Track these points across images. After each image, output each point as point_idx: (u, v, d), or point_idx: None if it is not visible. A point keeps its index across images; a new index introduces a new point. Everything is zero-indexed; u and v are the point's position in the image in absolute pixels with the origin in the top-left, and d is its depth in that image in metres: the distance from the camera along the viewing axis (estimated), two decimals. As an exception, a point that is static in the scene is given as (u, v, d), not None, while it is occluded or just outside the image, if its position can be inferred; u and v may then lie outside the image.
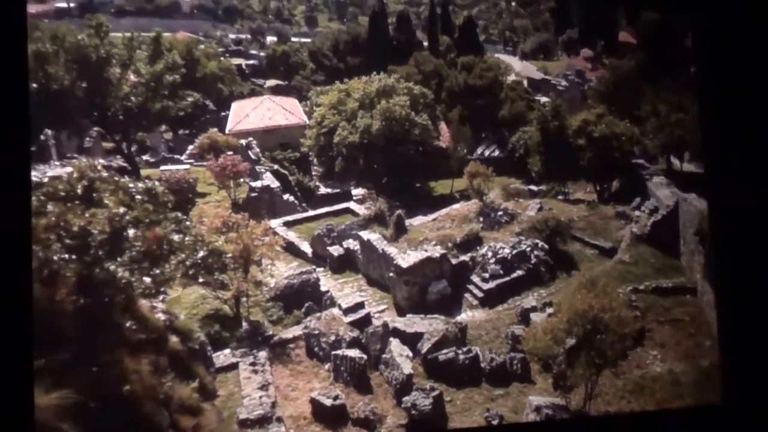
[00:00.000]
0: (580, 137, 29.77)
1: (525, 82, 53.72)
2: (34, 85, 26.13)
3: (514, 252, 22.48)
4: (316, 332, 17.14)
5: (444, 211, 27.57)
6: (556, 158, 29.74)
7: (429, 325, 17.96)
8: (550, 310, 18.48)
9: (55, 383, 7.34)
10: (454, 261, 22.11)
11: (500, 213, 25.92)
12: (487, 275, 21.80)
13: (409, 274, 20.64)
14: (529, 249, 22.56)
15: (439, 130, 38.33)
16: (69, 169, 14.30)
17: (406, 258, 21.04)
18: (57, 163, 24.07)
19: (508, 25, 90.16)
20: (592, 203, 27.47)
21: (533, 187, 31.70)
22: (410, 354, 16.66)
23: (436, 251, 21.82)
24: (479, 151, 40.51)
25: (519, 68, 62.88)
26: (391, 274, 20.93)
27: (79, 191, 12.34)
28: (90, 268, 10.04)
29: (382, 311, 20.16)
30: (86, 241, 10.51)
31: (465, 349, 17.08)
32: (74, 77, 27.87)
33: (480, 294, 21.21)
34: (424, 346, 17.06)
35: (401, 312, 19.94)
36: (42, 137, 27.06)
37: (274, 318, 18.50)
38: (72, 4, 61.12)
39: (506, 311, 20.03)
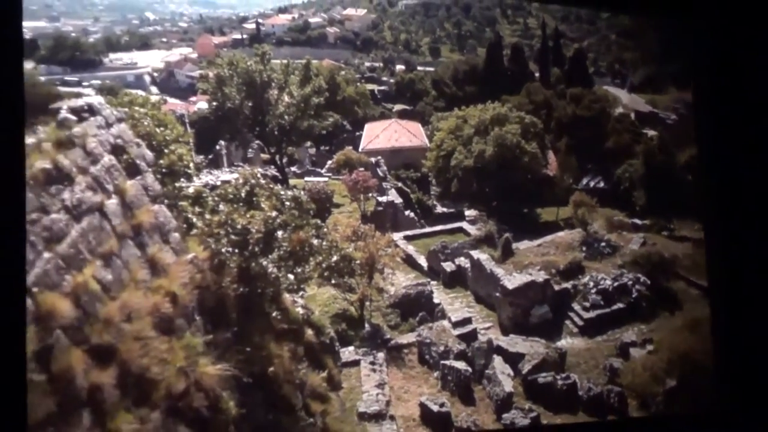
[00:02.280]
0: (689, 173, 27.54)
1: (632, 115, 50.73)
2: (214, 103, 28.27)
3: (616, 284, 21.28)
4: (428, 341, 17.08)
5: (549, 237, 26.62)
6: (662, 193, 27.73)
7: (530, 347, 17.37)
8: (650, 347, 17.27)
9: (218, 357, 7.80)
10: (556, 287, 21.28)
11: (603, 244, 24.60)
12: (587, 304, 20.79)
13: (514, 296, 20.11)
14: (630, 282, 21.27)
15: (547, 158, 37.22)
16: (236, 175, 15.22)
17: (511, 280, 20.52)
18: (227, 169, 25.70)
19: (617, 58, 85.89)
20: (698, 242, 25.40)
21: (637, 221, 29.84)
22: (511, 373, 16.18)
23: (540, 276, 21.10)
24: (585, 181, 38.80)
25: (627, 101, 59.35)
26: (497, 294, 20.48)
27: (242, 195, 13.14)
28: (248, 262, 10.54)
29: (488, 328, 19.75)
30: (246, 238, 11.06)
31: (563, 375, 16.33)
32: (243, 97, 29.85)
33: (580, 322, 20.25)
34: (525, 367, 16.51)
35: (505, 331, 19.45)
36: (217, 147, 29.20)
37: (392, 323, 18.64)
38: (244, 36, 65.45)
39: (605, 342, 18.96)
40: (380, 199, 28.71)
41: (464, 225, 29.13)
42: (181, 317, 7.97)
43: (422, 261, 24.31)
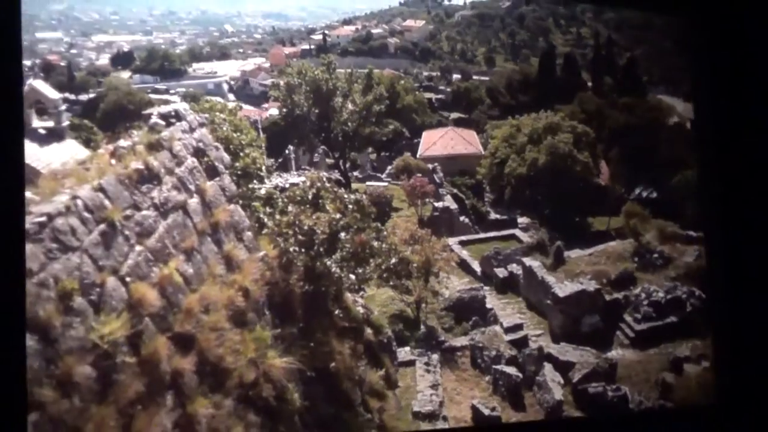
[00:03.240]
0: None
1: (688, 124, 48.20)
2: (284, 110, 28.96)
3: (669, 297, 20.32)
4: (480, 345, 16.87)
5: (600, 247, 25.73)
6: (718, 204, 26.26)
7: (580, 356, 16.87)
8: (705, 364, 16.41)
9: (285, 350, 7.96)
10: (607, 297, 20.56)
11: (655, 255, 23.49)
12: (639, 316, 19.97)
13: (565, 304, 19.58)
14: (684, 296, 20.25)
15: (599, 168, 36.03)
16: (303, 178, 15.51)
17: (563, 288, 19.99)
18: (295, 172, 26.26)
19: (672, 66, 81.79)
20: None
21: (692, 233, 28.40)
22: (561, 381, 15.75)
23: (591, 285, 20.44)
24: (637, 191, 37.28)
25: (681, 110, 56.36)
26: (548, 302, 20.00)
27: (309, 197, 13.37)
28: (313, 261, 10.71)
29: (539, 335, 19.32)
30: (312, 238, 11.23)
31: (614, 387, 15.76)
32: (310, 104, 30.43)
33: (631, 334, 19.48)
34: (575, 376, 16.04)
35: (555, 339, 18.97)
36: (286, 151, 29.95)
37: (446, 326, 18.52)
38: (312, 46, 66.69)
39: (657, 356, 18.14)
40: (436, 204, 28.60)
41: (517, 232, 28.62)
42: (252, 311, 8.18)
43: (476, 266, 24.04)
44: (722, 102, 4.81)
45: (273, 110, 38.33)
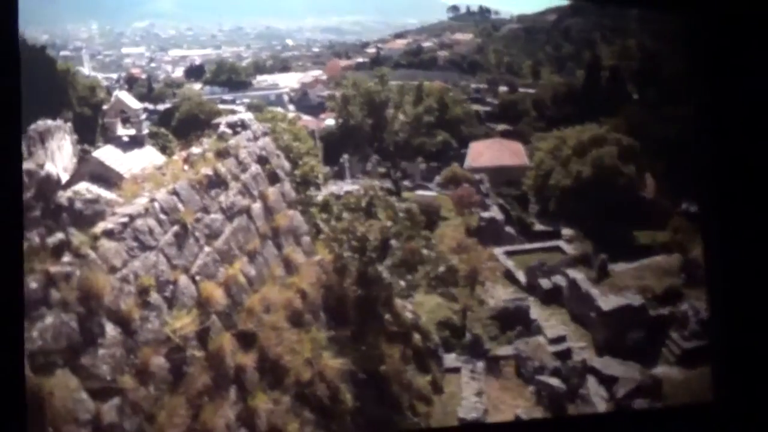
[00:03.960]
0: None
1: None
2: (340, 120, 29.50)
3: (718, 316, 19.34)
4: (524, 355, 16.50)
5: (645, 261, 24.66)
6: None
7: (625, 371, 16.22)
8: (755, 385, 15.52)
9: (338, 352, 8.04)
10: (652, 312, 19.75)
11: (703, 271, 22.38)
12: (686, 333, 19.10)
13: (609, 318, 18.92)
14: (735, 316, 19.24)
15: (645, 181, 34.74)
16: (357, 186, 15.66)
17: (607, 301, 19.32)
18: (349, 180, 26.54)
19: None
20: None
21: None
22: (605, 395, 15.21)
23: (636, 300, 19.62)
24: (684, 205, 35.74)
25: None
26: (593, 315, 19.39)
27: (363, 205, 13.50)
28: (366, 267, 10.78)
29: (582, 348, 18.74)
30: (365, 245, 11.31)
31: (660, 405, 15.12)
32: (364, 115, 30.80)
33: (678, 351, 18.62)
34: (619, 391, 15.43)
35: (599, 352, 18.34)
36: (341, 160, 30.37)
37: (491, 334, 18.22)
38: (366, 59, 67.40)
39: (706, 375, 17.21)
40: (483, 214, 28.25)
41: (561, 243, 27.88)
42: (309, 312, 8.32)
43: (521, 276, 23.55)
44: (722, 103, 4.61)
45: (329, 120, 38.90)
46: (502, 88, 76.51)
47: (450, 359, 15.67)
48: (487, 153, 41.84)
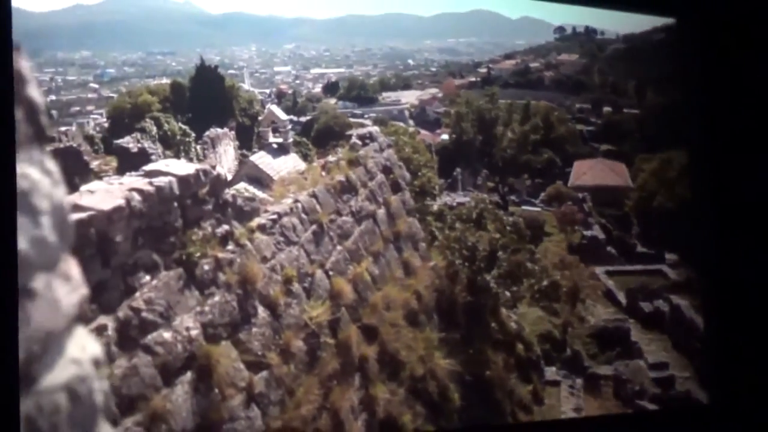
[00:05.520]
0: None
1: None
2: (453, 136, 29.54)
3: None
4: (624, 377, 15.31)
5: (755, 292, 21.78)
6: None
7: (733, 407, 14.47)
8: None
9: (448, 353, 7.97)
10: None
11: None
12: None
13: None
14: None
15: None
16: (468, 198, 15.52)
17: (715, 333, 17.34)
18: (461, 193, 26.51)
19: None
20: None
21: None
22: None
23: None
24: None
25: None
26: (697, 344, 17.51)
27: (473, 216, 13.37)
28: (475, 275, 10.62)
29: (686, 378, 17.01)
30: (474, 254, 11.16)
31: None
32: (475, 132, 30.51)
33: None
34: (727, 426, 13.81)
35: (704, 384, 16.53)
36: (454, 173, 30.42)
37: (590, 352, 17.20)
38: (478, 78, 66.81)
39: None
40: (585, 232, 26.74)
41: (664, 268, 25.53)
42: (423, 313, 8.35)
43: (621, 297, 21.95)
44: (717, 104, 4.20)
45: (444, 135, 39.12)
46: (607, 108, 71.97)
47: (550, 372, 14.92)
48: (591, 172, 39.52)
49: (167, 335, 4.60)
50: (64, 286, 0.84)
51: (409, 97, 48.78)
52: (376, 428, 6.06)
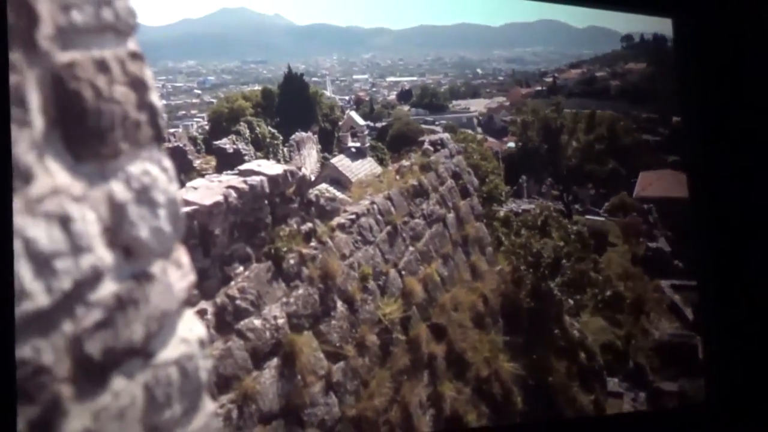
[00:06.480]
0: None
1: None
2: (519, 144, 28.76)
3: None
4: (689, 395, 14.14)
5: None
6: None
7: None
8: None
9: (511, 357, 7.67)
10: None
11: None
12: None
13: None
14: None
15: None
16: (533, 206, 14.96)
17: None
18: (526, 200, 25.70)
19: None
20: None
21: None
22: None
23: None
24: None
25: None
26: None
27: (538, 223, 12.82)
28: (539, 282, 10.19)
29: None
30: (539, 261, 10.73)
31: None
32: (540, 140, 29.49)
33: None
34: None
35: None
36: (519, 180, 29.62)
37: (654, 366, 16.05)
38: (544, 88, 64.69)
39: None
40: (650, 244, 25.03)
41: (735, 285, 23.36)
42: (489, 316, 8.09)
43: (688, 313, 20.31)
44: (712, 108, 3.93)
45: (510, 143, 38.13)
46: (675, 118, 66.89)
47: (612, 383, 14.04)
48: (657, 183, 36.92)
49: (257, 322, 4.70)
50: (177, 272, 0.89)
51: (477, 105, 47.88)
52: (443, 424, 5.92)
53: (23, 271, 0.67)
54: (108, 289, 0.79)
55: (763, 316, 4.09)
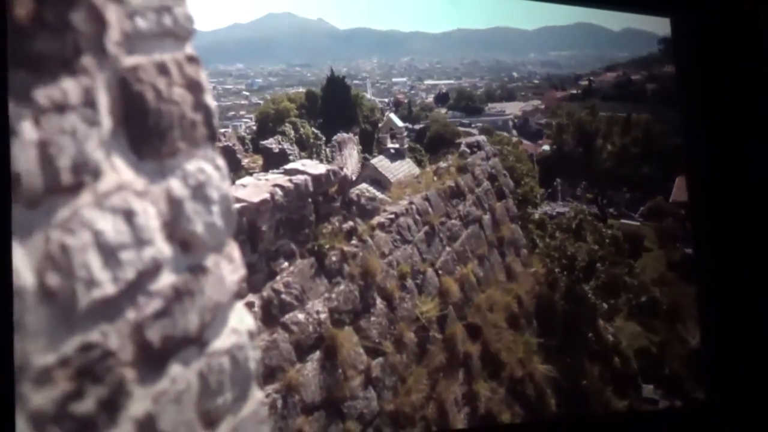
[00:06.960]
0: None
1: None
2: (554, 147, 28.03)
3: None
4: (728, 402, 13.37)
5: None
6: None
7: None
8: None
9: (545, 359, 7.45)
10: None
11: None
12: None
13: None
14: None
15: None
16: (568, 209, 14.52)
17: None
18: (561, 203, 25.05)
19: None
20: None
21: None
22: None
23: None
24: None
25: None
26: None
27: (573, 226, 12.44)
28: (573, 285, 9.88)
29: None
30: (573, 264, 10.41)
31: None
32: (575, 143, 28.63)
33: None
34: None
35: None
36: (554, 183, 28.90)
37: (690, 374, 15.22)
38: (579, 91, 62.79)
39: None
40: (686, 250, 23.77)
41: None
42: (523, 318, 7.89)
43: (726, 320, 19.18)
44: (711, 106, 3.72)
45: (545, 146, 37.21)
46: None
47: (647, 390, 13.40)
48: (696, 189, 35.19)
49: (301, 316, 4.76)
50: (229, 266, 0.91)
51: (512, 108, 46.91)
52: (478, 422, 5.82)
53: (92, 261, 0.68)
54: (167, 280, 0.79)
55: (763, 317, 3.93)
